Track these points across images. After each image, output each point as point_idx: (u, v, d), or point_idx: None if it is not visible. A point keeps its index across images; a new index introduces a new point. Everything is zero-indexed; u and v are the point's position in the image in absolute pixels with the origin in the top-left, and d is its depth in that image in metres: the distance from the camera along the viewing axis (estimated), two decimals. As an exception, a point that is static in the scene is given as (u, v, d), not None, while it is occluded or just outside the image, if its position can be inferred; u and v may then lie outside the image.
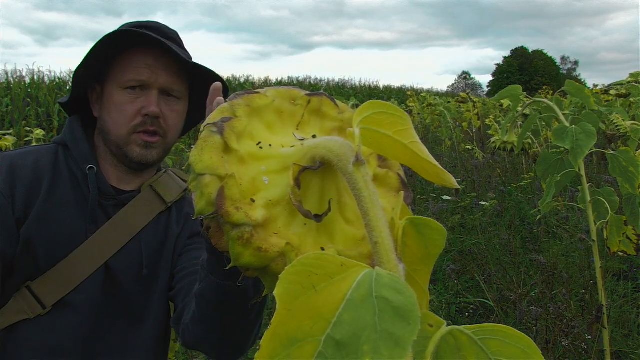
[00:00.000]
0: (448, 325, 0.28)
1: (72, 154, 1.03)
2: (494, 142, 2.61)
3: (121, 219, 1.02)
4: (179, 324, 0.98)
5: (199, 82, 1.07)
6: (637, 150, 2.00)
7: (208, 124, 0.39)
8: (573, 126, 1.46)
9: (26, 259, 0.94)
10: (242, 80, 19.98)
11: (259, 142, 0.40)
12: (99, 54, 0.99)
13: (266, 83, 20.15)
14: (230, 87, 1.10)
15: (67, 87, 13.92)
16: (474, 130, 7.71)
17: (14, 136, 3.56)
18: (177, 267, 1.07)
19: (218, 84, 0.83)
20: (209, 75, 1.03)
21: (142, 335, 1.04)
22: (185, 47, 1.11)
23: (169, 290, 1.07)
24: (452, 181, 0.35)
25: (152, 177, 1.10)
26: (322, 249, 0.36)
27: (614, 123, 3.26)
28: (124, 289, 1.01)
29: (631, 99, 4.88)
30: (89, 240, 0.98)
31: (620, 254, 1.60)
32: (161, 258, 1.06)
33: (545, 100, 1.70)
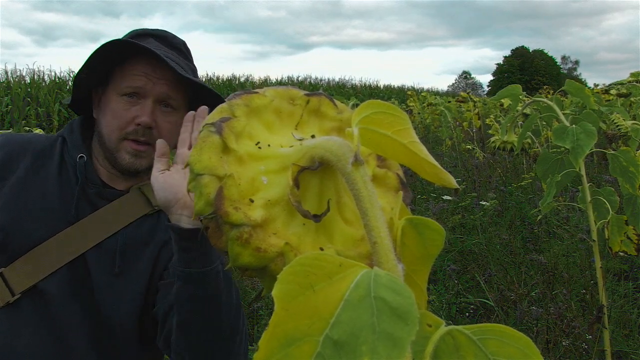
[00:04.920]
0: (447, 325, 0.28)
1: (67, 145, 1.05)
2: (493, 142, 2.61)
3: (104, 214, 1.02)
4: (169, 345, 0.96)
5: (200, 92, 1.07)
6: (637, 150, 2.00)
7: (207, 123, 0.39)
8: (573, 126, 1.45)
9: None
10: (242, 79, 20.01)
11: (258, 142, 0.40)
12: (100, 59, 1.00)
13: (266, 83, 20.18)
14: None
15: (67, 87, 13.92)
16: (474, 130, 7.71)
17: (15, 136, 3.55)
18: (162, 281, 1.04)
19: (204, 108, 0.87)
20: (206, 91, 1.04)
21: (110, 336, 1.01)
22: (192, 56, 1.12)
23: (149, 302, 1.04)
24: (452, 181, 0.35)
25: (142, 181, 1.09)
26: (321, 249, 0.36)
27: (615, 123, 3.26)
28: (95, 282, 1.00)
29: (632, 99, 4.88)
30: (67, 231, 0.98)
31: (621, 254, 1.60)
32: (140, 259, 1.04)
33: (546, 100, 1.70)
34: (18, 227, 0.95)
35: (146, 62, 1.00)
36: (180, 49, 1.08)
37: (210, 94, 1.05)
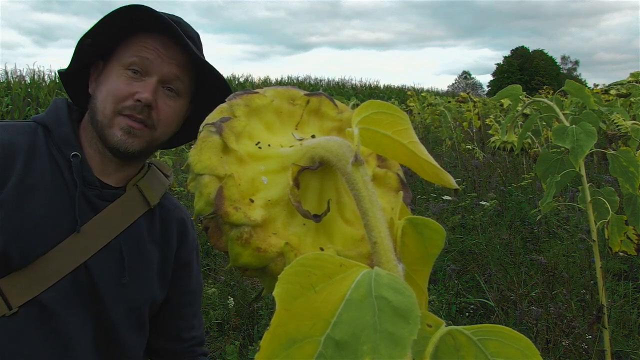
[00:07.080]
0: (447, 325, 0.28)
1: (53, 137, 0.95)
2: (493, 142, 2.61)
3: (105, 218, 0.95)
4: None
5: (205, 86, 1.02)
6: (637, 150, 2.00)
7: (207, 124, 0.39)
8: (573, 126, 1.45)
9: None
10: (242, 80, 20.03)
11: (258, 142, 0.40)
12: (109, 27, 0.92)
13: (266, 83, 20.16)
14: (230, 87, 1.08)
15: (68, 87, 13.91)
16: (474, 130, 7.71)
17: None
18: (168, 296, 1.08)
19: None
20: (216, 80, 0.99)
21: (118, 343, 0.98)
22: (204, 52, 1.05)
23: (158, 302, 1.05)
24: (451, 181, 0.35)
25: (137, 175, 1.03)
26: (321, 249, 0.36)
27: (615, 123, 3.26)
28: (102, 289, 0.94)
29: (632, 99, 4.88)
30: (68, 240, 0.91)
31: (621, 254, 1.60)
32: (146, 260, 1.01)
33: (546, 100, 1.70)
34: (18, 246, 0.87)
35: (158, 39, 0.94)
36: (194, 39, 0.99)
37: (219, 89, 0.99)
